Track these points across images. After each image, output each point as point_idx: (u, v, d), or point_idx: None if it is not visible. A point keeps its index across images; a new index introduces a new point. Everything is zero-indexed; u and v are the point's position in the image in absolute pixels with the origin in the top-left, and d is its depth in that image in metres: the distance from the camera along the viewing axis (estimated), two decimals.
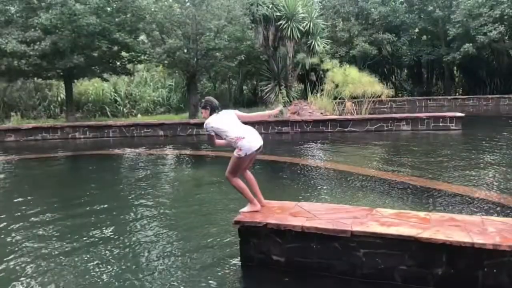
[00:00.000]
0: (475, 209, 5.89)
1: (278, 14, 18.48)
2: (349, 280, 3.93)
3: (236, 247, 4.51)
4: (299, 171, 8.97)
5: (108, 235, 5.43)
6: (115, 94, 21.48)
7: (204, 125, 4.70)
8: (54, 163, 11.51)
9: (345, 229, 3.90)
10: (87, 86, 21.76)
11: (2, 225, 5.89)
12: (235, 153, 4.49)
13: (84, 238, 5.33)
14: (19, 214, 6.33)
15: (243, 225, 4.27)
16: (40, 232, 5.54)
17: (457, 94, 28.13)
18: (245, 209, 4.52)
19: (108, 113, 20.52)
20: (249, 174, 4.70)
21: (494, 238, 3.58)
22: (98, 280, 4.21)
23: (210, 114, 4.71)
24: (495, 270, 3.54)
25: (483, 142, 11.61)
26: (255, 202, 4.56)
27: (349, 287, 3.88)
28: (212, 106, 4.74)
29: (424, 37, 27.01)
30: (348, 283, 3.91)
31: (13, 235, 5.47)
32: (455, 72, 29.60)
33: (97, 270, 4.44)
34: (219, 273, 4.23)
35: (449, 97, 25.04)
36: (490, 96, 24.55)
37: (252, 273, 4.23)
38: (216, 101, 4.81)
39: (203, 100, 4.81)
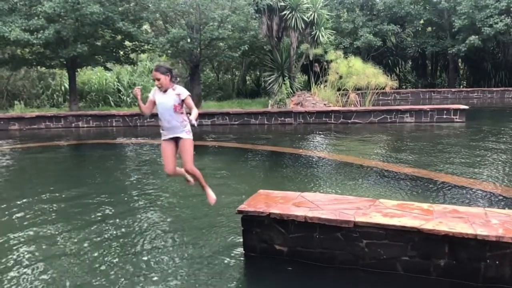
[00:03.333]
0: (478, 201, 5.89)
1: (283, 4, 18.34)
2: (352, 270, 3.95)
3: (239, 236, 4.54)
4: (302, 162, 8.98)
5: (110, 219, 5.48)
6: (118, 84, 21.44)
7: (183, 91, 4.45)
8: (57, 151, 11.55)
9: (348, 220, 3.91)
10: (90, 76, 21.75)
11: (4, 206, 5.99)
12: (189, 136, 4.57)
13: (86, 220, 5.42)
14: (22, 200, 6.37)
15: (246, 214, 4.28)
16: (40, 214, 5.59)
17: (461, 86, 27.97)
18: (213, 196, 4.67)
19: (111, 103, 20.50)
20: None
21: (497, 230, 3.58)
22: (98, 261, 4.27)
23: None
24: (497, 262, 3.55)
25: (487, 135, 11.58)
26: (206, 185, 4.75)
27: (351, 277, 3.90)
28: (172, 73, 4.41)
29: (429, 29, 26.81)
30: (350, 273, 3.93)
31: (17, 216, 5.53)
32: (459, 64, 29.40)
33: (98, 251, 4.54)
34: (221, 262, 4.25)
35: (453, 90, 24.91)
36: (494, 89, 24.41)
37: (254, 262, 4.26)
38: None
39: (161, 65, 4.45)
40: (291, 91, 18.81)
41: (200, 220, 5.40)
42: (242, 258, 4.33)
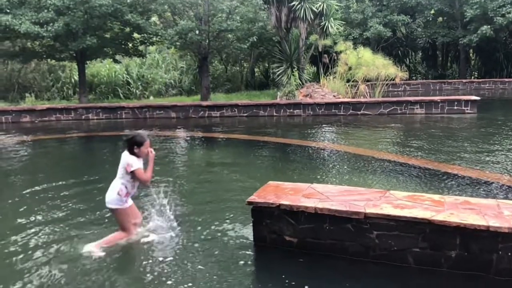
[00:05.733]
0: (490, 193, 5.83)
1: None
2: (362, 261, 3.94)
3: (249, 227, 4.55)
4: (311, 154, 8.96)
5: None
6: (127, 76, 21.53)
7: None
8: (68, 143, 11.66)
9: (358, 211, 3.90)
10: (99, 68, 21.86)
11: (18, 198, 6.06)
12: None
13: (97, 211, 5.46)
14: (34, 190, 6.46)
15: (256, 205, 4.29)
16: (52, 205, 5.66)
17: (472, 77, 27.61)
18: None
19: (121, 95, 20.62)
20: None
21: (509, 221, 3.55)
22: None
23: None
24: (509, 254, 3.52)
25: (500, 126, 11.44)
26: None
27: (361, 268, 3.89)
28: None
29: (440, 19, 26.40)
30: (361, 264, 3.93)
31: (27, 207, 5.60)
32: (471, 54, 28.99)
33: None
34: (231, 253, 4.27)
35: (464, 80, 24.60)
36: (507, 80, 24.05)
37: (264, 253, 4.27)
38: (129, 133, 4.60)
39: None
40: (300, 82, 18.72)
41: (208, 211, 5.42)
42: (252, 249, 4.34)
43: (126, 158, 4.41)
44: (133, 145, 4.42)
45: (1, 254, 4.37)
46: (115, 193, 4.41)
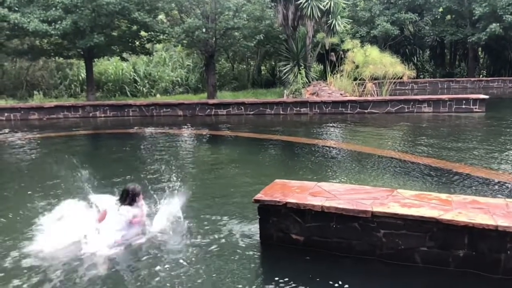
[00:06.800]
0: (499, 192, 5.79)
1: None
2: (368, 260, 3.93)
3: (255, 225, 4.55)
4: (318, 152, 8.94)
5: None
6: (134, 74, 21.60)
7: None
8: (77, 140, 11.74)
9: (365, 210, 3.89)
10: (106, 66, 21.95)
11: (27, 195, 6.10)
12: None
13: None
14: (42, 188, 6.51)
15: (263, 203, 4.29)
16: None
17: (481, 76, 27.37)
18: None
19: (128, 93, 20.69)
20: None
21: None
22: None
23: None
24: None
25: (508, 125, 11.34)
26: None
27: (368, 267, 3.88)
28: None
29: (448, 17, 26.18)
30: (368, 263, 3.92)
31: (35, 204, 5.65)
32: (479, 53, 28.73)
33: None
34: (238, 250, 4.28)
35: (472, 79, 24.41)
36: None
37: (271, 251, 4.27)
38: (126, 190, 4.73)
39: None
40: (307, 80, 18.66)
41: (215, 208, 5.43)
42: (258, 247, 4.35)
43: (131, 211, 4.60)
44: (135, 197, 4.66)
45: (10, 248, 4.42)
46: (112, 243, 4.42)
